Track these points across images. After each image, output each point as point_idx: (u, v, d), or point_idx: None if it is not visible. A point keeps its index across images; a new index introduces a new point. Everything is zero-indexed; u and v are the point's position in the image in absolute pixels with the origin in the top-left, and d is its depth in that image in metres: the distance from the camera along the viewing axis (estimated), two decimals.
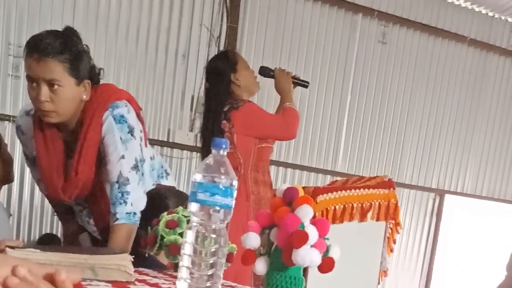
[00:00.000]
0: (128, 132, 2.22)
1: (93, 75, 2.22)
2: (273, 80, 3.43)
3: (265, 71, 3.43)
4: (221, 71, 3.26)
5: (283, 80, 3.35)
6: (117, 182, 2.19)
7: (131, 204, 2.16)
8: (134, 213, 2.16)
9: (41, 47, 2.03)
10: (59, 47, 2.05)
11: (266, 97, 4.57)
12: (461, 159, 5.89)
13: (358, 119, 5.41)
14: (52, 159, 2.26)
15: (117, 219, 2.15)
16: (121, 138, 2.20)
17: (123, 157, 2.21)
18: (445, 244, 5.87)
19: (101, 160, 2.25)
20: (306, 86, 3.53)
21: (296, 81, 3.41)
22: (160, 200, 2.20)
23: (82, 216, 2.48)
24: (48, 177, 2.29)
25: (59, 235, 4.04)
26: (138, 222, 2.17)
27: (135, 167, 2.22)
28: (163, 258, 1.94)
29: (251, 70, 3.36)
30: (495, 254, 6.09)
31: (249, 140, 3.22)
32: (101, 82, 2.30)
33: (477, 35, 5.75)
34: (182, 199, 2.23)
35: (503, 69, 5.95)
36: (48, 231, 4.34)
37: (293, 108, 3.32)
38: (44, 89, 2.07)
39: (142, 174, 2.26)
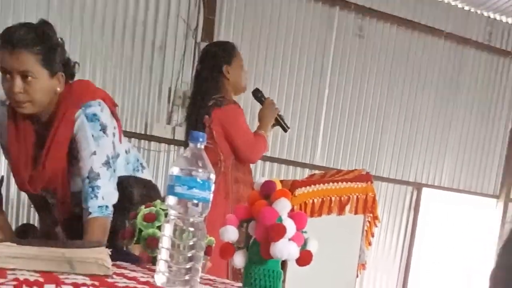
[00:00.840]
0: (100, 130, 2.24)
1: (68, 68, 2.23)
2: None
3: (257, 94, 3.44)
4: (216, 57, 3.25)
5: (269, 112, 3.38)
6: (87, 177, 2.20)
7: (102, 198, 2.17)
8: (106, 206, 2.16)
9: (14, 39, 2.04)
10: (32, 39, 2.07)
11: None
12: (438, 152, 5.95)
13: (336, 113, 5.43)
14: (22, 150, 2.27)
15: (90, 213, 2.15)
16: (92, 136, 2.22)
17: (94, 153, 2.22)
18: (422, 237, 5.93)
19: (72, 157, 2.26)
20: (285, 130, 3.57)
21: (279, 119, 3.44)
22: (124, 189, 2.18)
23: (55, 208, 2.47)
24: (16, 167, 2.30)
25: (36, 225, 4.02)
26: (111, 216, 2.17)
27: (107, 163, 2.23)
28: (134, 249, 1.94)
29: (244, 72, 3.36)
30: (472, 246, 6.18)
31: None
32: (77, 74, 2.31)
33: (454, 29, 5.80)
34: (148, 188, 2.23)
35: (479, 63, 6.01)
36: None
37: (266, 139, 3.33)
38: (18, 81, 2.08)
39: (114, 170, 2.26)
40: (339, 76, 5.42)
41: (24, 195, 3.57)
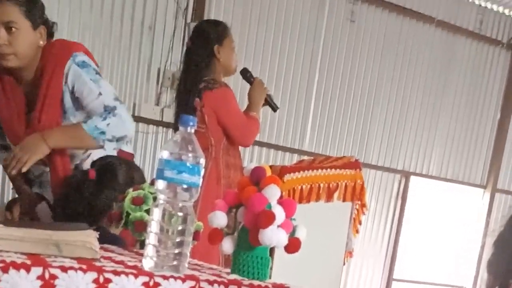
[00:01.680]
0: (96, 74, 2.29)
1: (48, 25, 2.29)
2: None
3: (246, 74, 3.38)
4: (207, 36, 3.19)
5: (258, 92, 3.32)
6: (105, 110, 2.25)
7: (107, 125, 2.21)
8: (103, 132, 2.20)
9: None
10: None
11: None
12: (427, 141, 5.97)
13: (326, 98, 5.43)
14: (12, 109, 2.30)
15: (84, 122, 2.22)
16: (91, 80, 2.27)
17: (100, 93, 2.27)
18: (409, 225, 5.96)
19: (65, 112, 2.29)
20: (274, 110, 3.52)
21: (268, 99, 3.39)
22: (110, 170, 2.17)
23: (42, 178, 2.46)
24: (9, 127, 2.34)
25: None
26: (100, 141, 2.21)
27: (117, 99, 2.29)
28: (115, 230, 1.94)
29: (235, 54, 3.29)
30: (458, 235, 6.23)
31: None
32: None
33: (445, 16, 5.80)
34: (131, 170, 2.22)
35: (470, 51, 6.02)
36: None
37: (258, 121, 3.28)
38: (2, 32, 2.14)
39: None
40: (330, 61, 5.41)
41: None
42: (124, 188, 2.11)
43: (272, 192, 1.39)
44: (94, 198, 2.10)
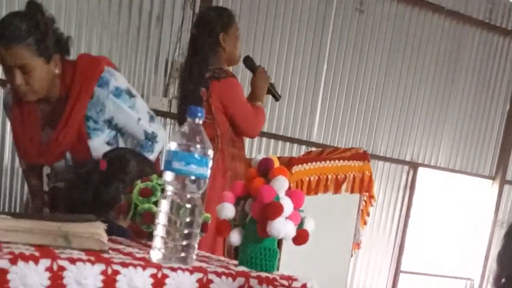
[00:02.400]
0: (130, 97, 2.41)
1: (62, 46, 2.31)
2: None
3: (248, 62, 3.33)
4: (212, 23, 3.12)
5: (261, 80, 3.26)
6: (146, 138, 2.49)
7: (156, 152, 2.52)
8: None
9: (6, 35, 2.15)
10: (24, 33, 2.16)
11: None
12: (435, 132, 5.94)
13: (334, 89, 5.41)
14: (26, 130, 2.38)
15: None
16: (129, 107, 2.41)
17: (139, 119, 2.46)
18: (417, 216, 5.95)
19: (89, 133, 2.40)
20: (277, 99, 3.48)
21: (271, 88, 3.34)
22: (121, 162, 2.17)
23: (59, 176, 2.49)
24: (21, 145, 2.42)
25: None
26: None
27: (152, 118, 2.50)
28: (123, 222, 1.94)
29: (239, 43, 3.24)
30: (466, 227, 6.22)
31: None
32: (74, 43, 2.40)
33: (454, 6, 5.76)
34: (144, 164, 2.22)
35: (479, 41, 5.98)
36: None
37: (264, 111, 3.23)
38: (18, 74, 2.19)
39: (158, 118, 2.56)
40: (338, 52, 5.38)
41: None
42: (134, 181, 2.11)
43: (280, 184, 1.39)
44: (102, 188, 2.10)
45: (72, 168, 2.42)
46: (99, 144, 2.42)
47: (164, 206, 1.29)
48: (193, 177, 1.29)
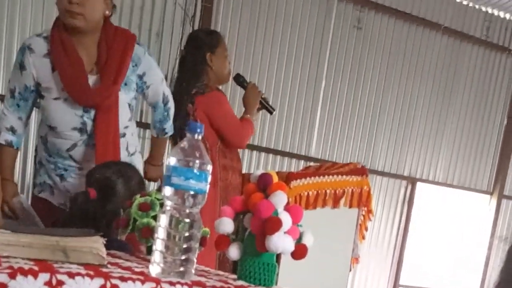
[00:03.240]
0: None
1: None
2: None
3: (239, 79, 3.44)
4: (200, 43, 3.25)
5: (253, 96, 3.36)
6: (163, 102, 2.77)
7: (172, 117, 2.84)
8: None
9: None
10: None
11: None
12: (433, 147, 5.94)
13: (332, 105, 5.42)
14: (77, 67, 2.44)
15: (166, 132, 2.85)
16: (157, 66, 2.75)
17: (163, 79, 2.76)
18: (415, 231, 5.94)
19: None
20: (271, 112, 3.56)
21: (264, 102, 3.43)
22: (111, 189, 2.15)
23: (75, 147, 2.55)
24: (73, 83, 2.46)
25: None
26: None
27: (164, 80, 2.80)
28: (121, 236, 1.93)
29: (227, 62, 3.35)
30: (464, 242, 6.20)
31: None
32: None
33: (452, 23, 5.78)
34: (129, 179, 2.20)
35: (476, 58, 6.00)
36: None
37: (252, 123, 3.31)
38: None
39: None
40: (336, 68, 5.40)
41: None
42: (127, 200, 2.11)
43: (279, 199, 1.40)
44: (99, 216, 2.08)
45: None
46: (124, 102, 2.56)
47: (163, 220, 1.29)
48: (192, 192, 1.30)
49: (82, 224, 2.05)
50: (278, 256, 1.43)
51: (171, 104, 2.81)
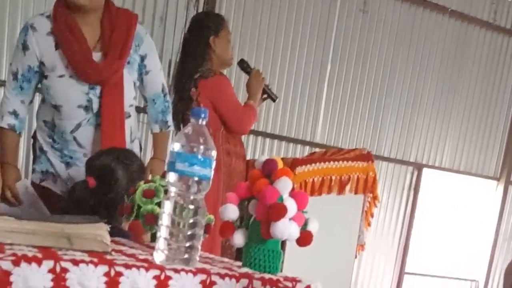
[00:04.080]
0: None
1: None
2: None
3: (243, 64, 3.38)
4: (203, 27, 3.21)
5: (256, 82, 3.31)
6: (163, 92, 2.74)
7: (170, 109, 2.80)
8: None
9: None
10: None
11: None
12: (440, 133, 5.91)
13: (338, 90, 5.39)
14: (80, 45, 2.45)
15: (169, 125, 2.77)
16: (156, 53, 2.72)
17: (161, 68, 2.74)
18: (421, 217, 5.92)
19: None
20: (274, 100, 3.51)
21: (267, 90, 3.38)
22: (111, 175, 2.14)
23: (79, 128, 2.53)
24: (82, 61, 2.46)
25: None
26: None
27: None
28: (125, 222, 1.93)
29: (230, 46, 3.31)
30: (471, 228, 6.19)
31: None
32: None
33: (458, 6, 5.73)
34: (129, 165, 2.19)
35: (484, 42, 5.95)
36: None
37: (255, 109, 3.27)
38: None
39: None
40: (342, 52, 5.36)
41: None
42: (128, 187, 2.09)
43: (284, 185, 1.38)
44: (98, 205, 2.06)
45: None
46: (129, 79, 2.57)
47: (167, 207, 1.28)
48: (196, 178, 1.29)
49: (81, 214, 2.04)
50: (283, 243, 1.42)
51: (169, 97, 2.80)
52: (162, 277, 1.20)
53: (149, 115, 2.79)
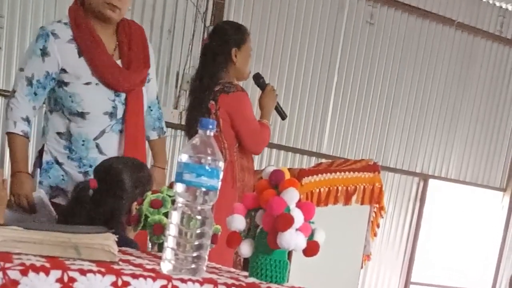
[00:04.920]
0: None
1: None
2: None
3: (258, 79, 3.30)
4: (227, 37, 3.11)
5: (270, 99, 3.25)
6: (157, 100, 2.87)
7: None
8: None
9: None
10: None
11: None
12: (446, 144, 5.91)
13: (344, 101, 5.40)
14: (104, 53, 2.53)
15: (165, 132, 2.89)
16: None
17: (157, 77, 2.94)
18: (428, 228, 5.91)
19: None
20: (283, 118, 3.46)
21: (278, 107, 3.32)
22: (114, 177, 2.13)
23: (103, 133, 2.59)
24: (107, 68, 2.53)
25: None
26: None
27: None
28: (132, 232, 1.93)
29: (250, 60, 3.22)
30: (477, 240, 6.17)
31: None
32: None
33: (465, 18, 5.75)
34: (137, 170, 2.18)
35: (490, 53, 5.96)
36: None
37: (270, 128, 3.22)
38: None
39: None
40: (348, 64, 5.38)
41: None
42: (133, 194, 2.08)
43: (291, 195, 1.38)
44: (97, 208, 2.05)
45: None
46: (144, 89, 2.71)
47: (174, 217, 1.29)
48: (204, 189, 1.29)
49: (76, 219, 2.03)
50: (290, 253, 1.42)
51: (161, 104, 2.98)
52: (169, 287, 1.20)
53: (146, 122, 2.78)
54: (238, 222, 1.40)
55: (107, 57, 2.52)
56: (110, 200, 2.06)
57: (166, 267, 1.27)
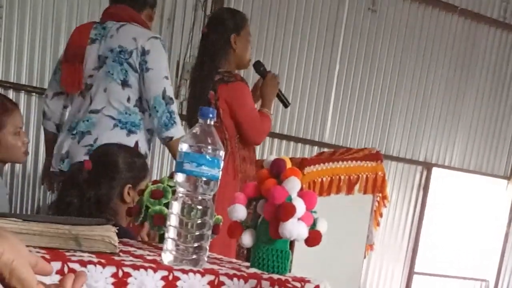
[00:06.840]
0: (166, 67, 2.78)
1: None
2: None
3: (259, 67, 3.25)
4: (225, 24, 3.09)
5: (271, 87, 3.20)
6: (163, 98, 2.65)
7: (180, 123, 2.70)
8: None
9: None
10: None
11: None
12: (449, 132, 5.88)
13: (346, 90, 5.38)
14: None
15: (172, 138, 2.67)
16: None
17: (166, 77, 2.70)
18: (431, 217, 5.89)
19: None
20: (286, 106, 3.41)
21: (280, 95, 3.28)
22: (108, 158, 2.12)
23: None
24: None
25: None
26: None
27: (173, 98, 2.72)
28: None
29: (250, 47, 3.19)
30: (481, 227, 6.15)
31: None
32: None
33: (468, 5, 5.70)
34: (131, 154, 2.18)
35: (493, 40, 5.92)
36: (40, 203, 4.26)
37: (270, 118, 3.18)
38: None
39: None
40: (350, 51, 5.34)
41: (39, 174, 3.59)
42: (125, 177, 2.09)
43: (293, 185, 1.38)
44: (89, 189, 2.04)
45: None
46: None
47: (175, 208, 1.28)
48: (204, 179, 1.28)
49: (68, 199, 2.03)
50: (292, 243, 1.41)
51: (175, 109, 2.89)
52: (170, 277, 1.20)
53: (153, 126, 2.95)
54: (239, 212, 1.39)
55: None
56: (102, 181, 2.05)
57: (167, 258, 1.26)
